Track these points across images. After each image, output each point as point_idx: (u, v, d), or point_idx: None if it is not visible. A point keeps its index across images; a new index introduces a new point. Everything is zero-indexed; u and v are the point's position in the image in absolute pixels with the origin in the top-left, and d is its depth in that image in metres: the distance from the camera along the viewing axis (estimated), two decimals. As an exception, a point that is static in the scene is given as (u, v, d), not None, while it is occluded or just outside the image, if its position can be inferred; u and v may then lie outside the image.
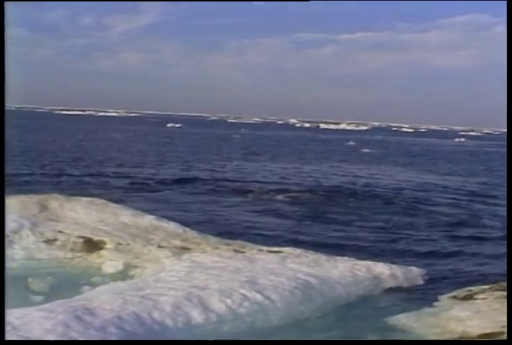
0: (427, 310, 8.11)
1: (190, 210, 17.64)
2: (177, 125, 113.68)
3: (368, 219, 17.13)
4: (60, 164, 29.26)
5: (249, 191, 22.08)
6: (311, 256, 9.82)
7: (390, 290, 9.07)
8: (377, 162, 42.32)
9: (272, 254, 9.76)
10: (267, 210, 18.20)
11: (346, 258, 9.92)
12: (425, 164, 42.29)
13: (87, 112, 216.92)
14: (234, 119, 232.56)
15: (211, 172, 29.41)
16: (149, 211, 12.74)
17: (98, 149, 41.67)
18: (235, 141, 64.84)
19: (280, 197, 20.84)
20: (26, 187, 19.78)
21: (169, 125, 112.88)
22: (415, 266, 10.18)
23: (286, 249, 10.16)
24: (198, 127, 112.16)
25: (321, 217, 17.20)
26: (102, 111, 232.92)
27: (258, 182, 25.72)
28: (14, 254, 9.69)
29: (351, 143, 67.88)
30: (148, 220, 11.60)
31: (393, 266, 9.65)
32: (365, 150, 54.83)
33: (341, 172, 32.90)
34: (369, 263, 9.60)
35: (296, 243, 12.29)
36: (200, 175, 27.36)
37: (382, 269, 9.40)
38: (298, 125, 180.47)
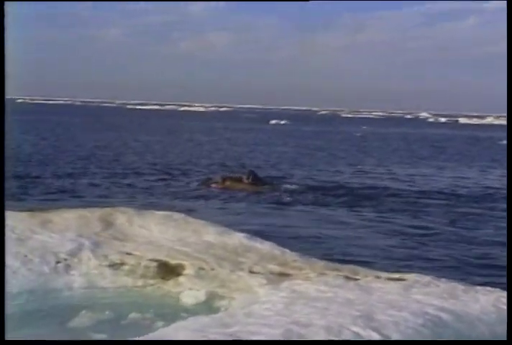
0: None
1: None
2: (282, 122, 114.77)
3: None
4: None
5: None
6: (442, 285, 9.53)
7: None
8: None
9: (393, 282, 9.53)
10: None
11: (489, 288, 9.56)
12: None
13: (166, 107, 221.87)
14: (348, 113, 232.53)
15: (398, 182, 32.13)
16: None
17: (250, 152, 45.69)
18: (364, 143, 64.40)
19: None
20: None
21: (272, 122, 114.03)
22: None
23: (411, 276, 9.89)
24: (308, 124, 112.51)
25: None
26: (185, 106, 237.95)
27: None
28: (72, 281, 9.80)
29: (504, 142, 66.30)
30: (238, 239, 11.59)
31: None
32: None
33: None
34: (519, 295, 9.24)
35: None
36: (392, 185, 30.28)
37: (536, 302, 9.03)
38: (431, 120, 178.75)
